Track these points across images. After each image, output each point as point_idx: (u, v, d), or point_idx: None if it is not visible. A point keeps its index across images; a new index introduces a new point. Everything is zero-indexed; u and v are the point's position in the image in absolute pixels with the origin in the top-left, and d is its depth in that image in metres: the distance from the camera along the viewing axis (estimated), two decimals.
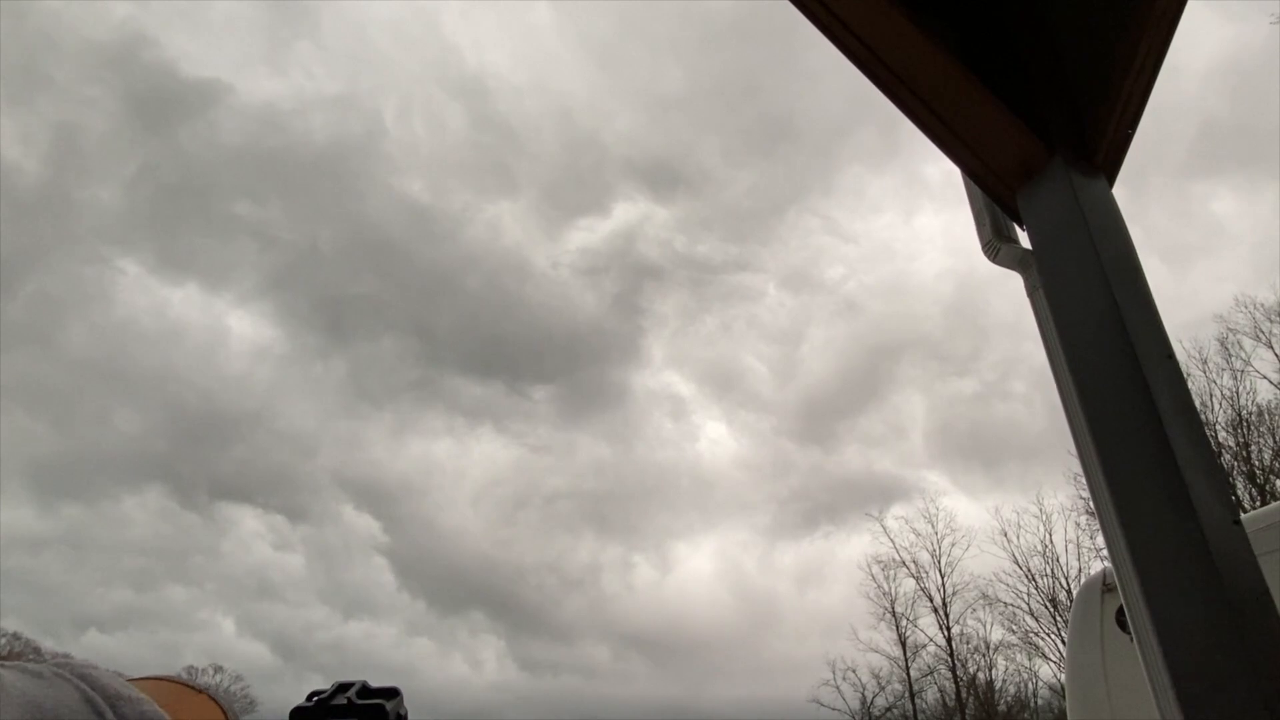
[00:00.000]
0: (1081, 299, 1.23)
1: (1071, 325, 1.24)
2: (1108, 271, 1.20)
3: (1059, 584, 41.30)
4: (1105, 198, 1.37)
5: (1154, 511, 1.08)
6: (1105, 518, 1.18)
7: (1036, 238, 1.40)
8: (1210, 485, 1.07)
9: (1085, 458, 1.20)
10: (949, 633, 47.85)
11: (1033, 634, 42.27)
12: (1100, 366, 1.17)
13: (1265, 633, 1.01)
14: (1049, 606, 41.45)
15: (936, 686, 48.82)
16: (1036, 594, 42.01)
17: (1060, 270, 1.31)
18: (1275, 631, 1.01)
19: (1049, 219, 1.36)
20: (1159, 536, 1.08)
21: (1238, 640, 0.99)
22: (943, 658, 48.24)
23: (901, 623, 49.88)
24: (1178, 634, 1.04)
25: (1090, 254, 1.24)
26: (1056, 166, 1.37)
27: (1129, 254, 1.27)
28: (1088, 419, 1.17)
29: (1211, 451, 1.12)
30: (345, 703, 0.63)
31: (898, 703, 50.61)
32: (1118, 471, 1.14)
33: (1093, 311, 1.20)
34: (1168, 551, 1.06)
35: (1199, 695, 1.01)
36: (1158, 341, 1.18)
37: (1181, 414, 1.11)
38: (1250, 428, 29.70)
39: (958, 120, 1.42)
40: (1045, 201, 1.38)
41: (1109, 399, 1.15)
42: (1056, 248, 1.33)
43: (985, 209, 1.56)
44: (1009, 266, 1.50)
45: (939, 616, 48.31)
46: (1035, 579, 42.08)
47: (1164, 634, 1.06)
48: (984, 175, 1.50)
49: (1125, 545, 1.12)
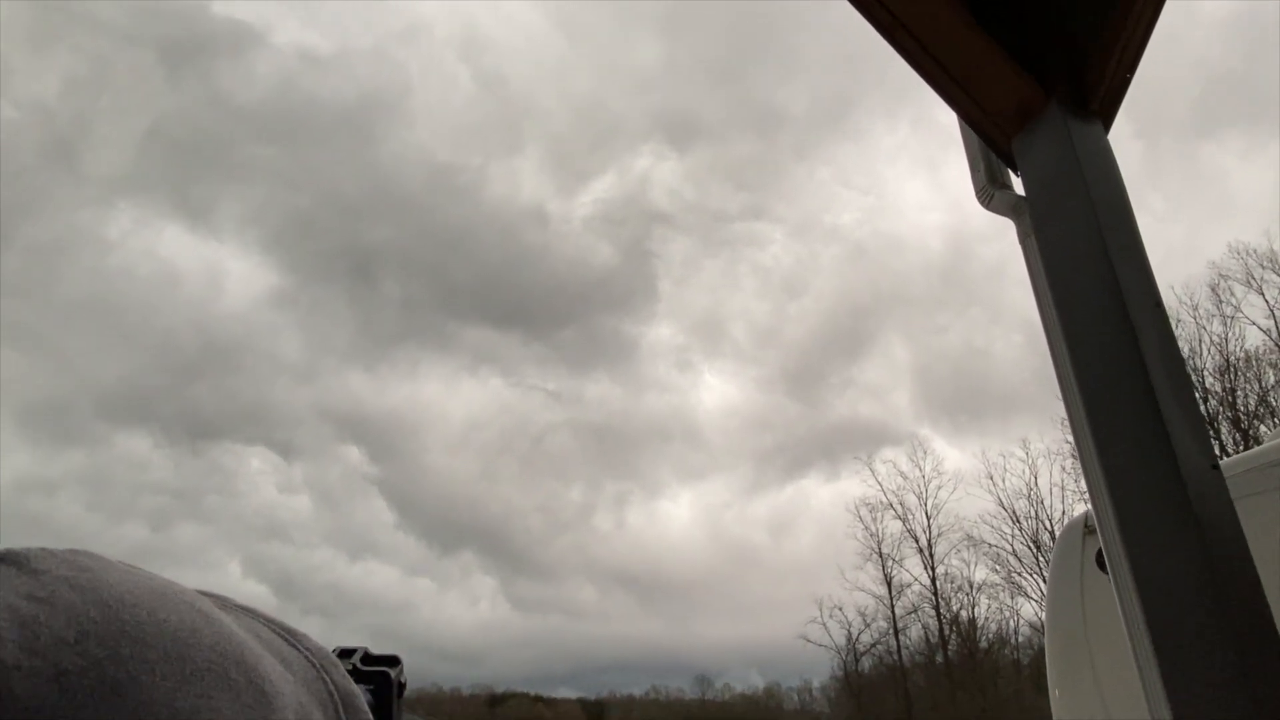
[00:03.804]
0: (1072, 245, 1.23)
1: (1062, 271, 1.25)
2: (1100, 218, 1.20)
3: (1043, 526, 42.10)
4: (1100, 143, 1.36)
5: (1134, 456, 1.10)
6: (1087, 461, 1.20)
7: (1031, 184, 1.39)
8: (1191, 431, 1.09)
9: (1070, 401, 1.21)
10: (933, 573, 48.90)
11: (1015, 574, 43.24)
12: (1088, 313, 1.18)
13: (1239, 574, 1.04)
14: (1032, 547, 42.32)
15: (920, 624, 50.11)
16: (1020, 535, 42.85)
17: (1053, 216, 1.31)
18: (1248, 573, 1.05)
19: (1044, 165, 1.36)
20: (1139, 480, 1.11)
21: (1211, 581, 1.02)
22: (927, 596, 49.39)
23: (887, 563, 50.91)
24: (1154, 575, 1.08)
25: (1084, 200, 1.24)
26: (1053, 111, 1.36)
27: (1122, 200, 1.27)
28: (1074, 364, 1.18)
29: (1194, 398, 1.14)
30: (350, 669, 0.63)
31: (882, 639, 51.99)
32: (1101, 416, 1.15)
33: (1083, 258, 1.21)
34: (1147, 495, 1.09)
35: (1172, 634, 1.05)
36: (1147, 289, 1.19)
37: (1166, 361, 1.13)
38: (1237, 373, 29.97)
39: (955, 64, 1.40)
40: (1040, 147, 1.38)
41: (1095, 345, 1.16)
42: (1050, 194, 1.33)
43: (980, 155, 1.55)
44: (1002, 213, 1.49)
45: (924, 557, 49.29)
46: (1020, 521, 42.86)
47: (1140, 575, 1.09)
48: (980, 120, 1.48)
49: (1106, 488, 1.14)
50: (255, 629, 0.40)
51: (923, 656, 50.51)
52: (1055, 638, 2.73)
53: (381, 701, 0.61)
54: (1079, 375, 1.18)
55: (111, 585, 0.33)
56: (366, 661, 0.63)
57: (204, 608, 0.36)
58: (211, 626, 0.35)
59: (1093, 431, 1.15)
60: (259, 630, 0.40)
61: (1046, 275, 1.27)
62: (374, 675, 0.61)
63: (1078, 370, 1.18)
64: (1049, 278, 1.26)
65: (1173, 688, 1.04)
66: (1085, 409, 1.17)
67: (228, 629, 0.36)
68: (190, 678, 0.32)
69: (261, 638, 0.39)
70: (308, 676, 0.40)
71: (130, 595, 0.33)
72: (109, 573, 0.34)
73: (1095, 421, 1.17)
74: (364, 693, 0.60)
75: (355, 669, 0.61)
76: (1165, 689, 1.04)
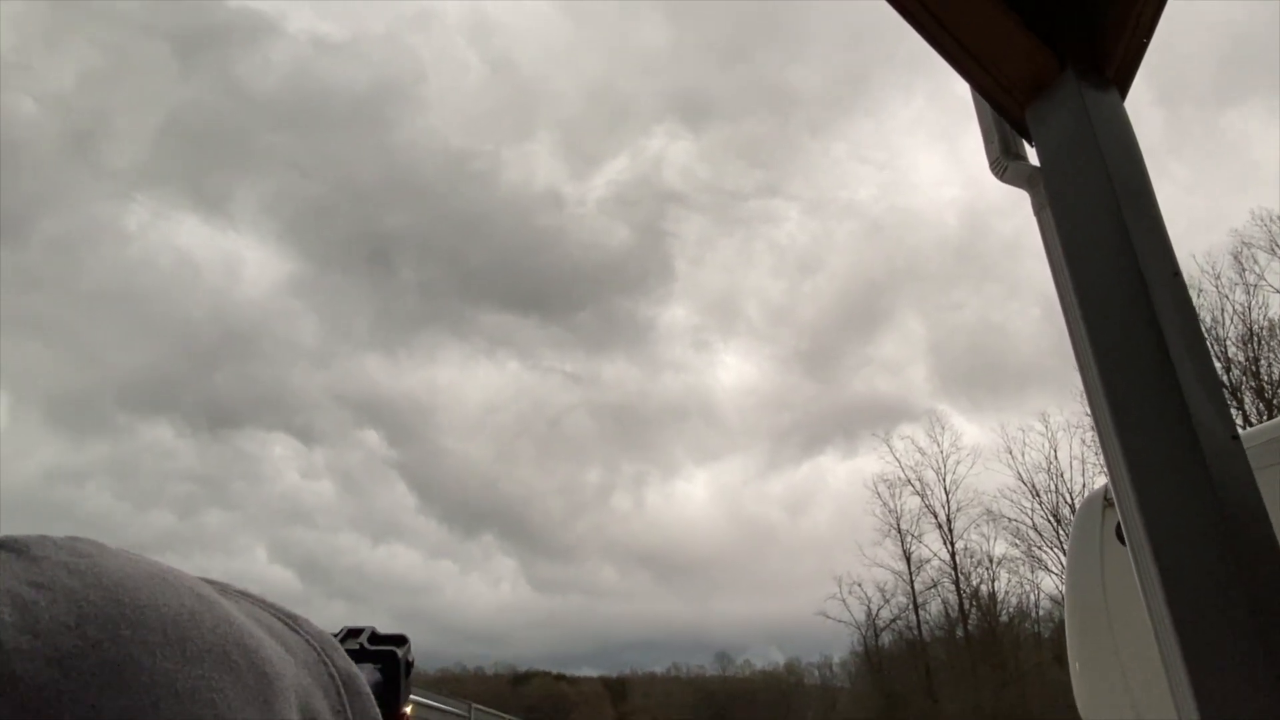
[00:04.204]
0: (1088, 216, 1.22)
1: (1077, 242, 1.23)
2: (1116, 187, 1.19)
3: (1063, 499, 41.91)
4: (1117, 111, 1.34)
5: (1153, 428, 1.10)
6: (1105, 435, 1.19)
7: (1045, 154, 1.37)
8: (1211, 402, 1.08)
9: (1086, 374, 1.20)
10: (952, 548, 48.87)
11: (1035, 547, 43.12)
12: (1105, 284, 1.16)
13: (1259, 546, 1.03)
14: (1052, 521, 42.17)
15: (940, 599, 50.16)
16: (1040, 509, 42.70)
17: (1068, 187, 1.29)
18: (1269, 544, 1.04)
19: (1058, 135, 1.34)
20: (1157, 453, 1.10)
21: (1231, 553, 1.01)
22: (946, 571, 49.39)
23: (906, 539, 50.92)
24: (1173, 547, 1.07)
25: (1099, 170, 1.22)
26: (1068, 80, 1.34)
27: (1139, 170, 1.25)
28: (1090, 336, 1.17)
29: (1214, 369, 1.12)
30: (358, 648, 0.64)
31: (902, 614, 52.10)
32: (1118, 388, 1.14)
33: (1099, 228, 1.19)
34: (1165, 467, 1.08)
35: (1192, 606, 1.04)
36: (1164, 258, 1.17)
37: (1185, 331, 1.11)
38: (1261, 342, 29.55)
39: (966, 35, 1.38)
40: (1055, 117, 1.35)
41: (1112, 317, 1.15)
42: (1065, 164, 1.31)
43: (994, 126, 1.53)
44: (1017, 184, 1.47)
45: (943, 532, 49.25)
46: (1040, 495, 42.69)
47: (1159, 547, 1.08)
48: (994, 91, 1.46)
49: (1124, 461, 1.13)
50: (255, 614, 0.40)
51: (943, 631, 50.60)
52: (1075, 611, 2.73)
53: (389, 680, 0.62)
54: (1096, 348, 1.16)
55: (111, 571, 0.33)
56: (374, 641, 0.64)
57: (204, 592, 0.37)
58: (211, 610, 0.35)
59: (1110, 404, 1.14)
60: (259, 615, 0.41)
61: (1062, 247, 1.26)
62: (381, 655, 0.62)
63: (1094, 343, 1.17)
64: (1064, 249, 1.25)
65: (1192, 660, 1.03)
66: (1102, 382, 1.16)
67: (228, 613, 0.36)
68: (191, 659, 0.32)
69: (261, 622, 0.40)
70: (308, 659, 0.40)
71: (130, 580, 0.33)
72: (108, 559, 0.35)
73: (1113, 394, 1.16)
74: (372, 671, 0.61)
75: (363, 648, 0.62)
76: (1185, 661, 1.04)
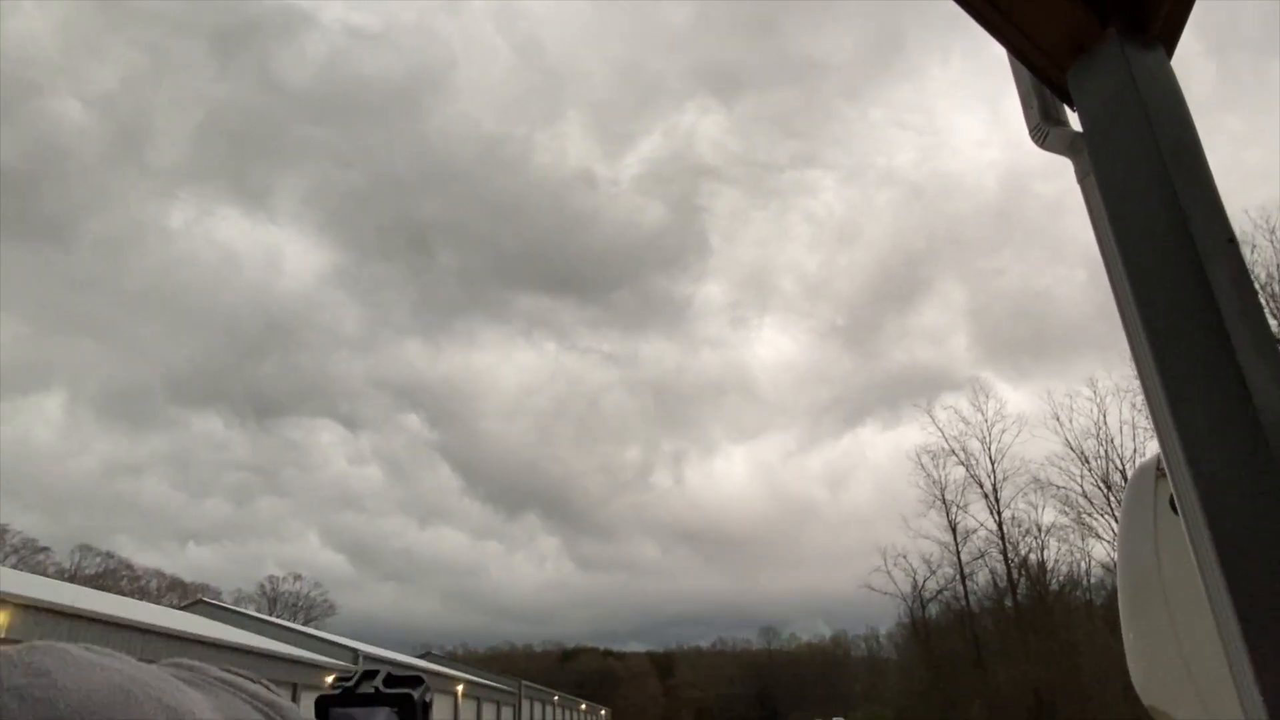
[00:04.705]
0: (1135, 183, 1.18)
1: (1125, 211, 1.19)
2: (1164, 151, 1.15)
3: (1113, 465, 41.09)
4: (1163, 72, 1.29)
5: (1208, 399, 1.06)
6: (1156, 407, 1.16)
7: (1088, 119, 1.33)
8: (1268, 371, 1.04)
9: (1136, 346, 1.17)
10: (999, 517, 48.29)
11: (1086, 514, 42.43)
12: (1155, 253, 1.13)
13: None
14: (1102, 487, 41.39)
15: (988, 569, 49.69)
16: (1090, 476, 41.96)
17: (1113, 153, 1.25)
18: None
19: (1101, 98, 1.29)
20: (1212, 424, 1.07)
21: None
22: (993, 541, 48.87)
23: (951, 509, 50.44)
24: (1228, 518, 1.04)
25: (1146, 134, 1.18)
26: (1110, 40, 1.29)
27: (1188, 132, 1.20)
28: (1140, 308, 1.14)
29: (1270, 336, 1.09)
30: (373, 690, 0.64)
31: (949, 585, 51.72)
32: (1170, 360, 1.11)
33: (1148, 195, 1.15)
34: (1221, 438, 1.05)
35: (1249, 578, 1.02)
36: (1218, 224, 1.13)
37: (1240, 299, 1.08)
38: None
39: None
40: (1098, 80, 1.31)
41: (1164, 287, 1.11)
42: (1109, 129, 1.27)
43: (1033, 91, 1.48)
44: (1058, 151, 1.43)
45: (989, 502, 48.68)
46: (1089, 461, 41.93)
47: (1214, 518, 1.05)
48: (1031, 54, 1.42)
49: (1177, 434, 1.10)
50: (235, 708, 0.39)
51: (991, 601, 50.18)
52: (1128, 584, 2.68)
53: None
54: (1146, 319, 1.13)
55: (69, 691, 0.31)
56: (389, 683, 0.63)
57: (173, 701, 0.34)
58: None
59: (1162, 377, 1.11)
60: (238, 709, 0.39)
61: (1108, 216, 1.22)
62: (397, 697, 0.62)
63: (1145, 314, 1.13)
64: (1110, 219, 1.21)
65: (1252, 634, 1.01)
66: (1154, 354, 1.13)
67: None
68: None
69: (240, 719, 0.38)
70: None
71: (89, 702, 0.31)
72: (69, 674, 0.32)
73: (1165, 367, 1.12)
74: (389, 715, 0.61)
75: (378, 691, 0.62)
76: (1244, 636, 1.01)
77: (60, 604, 17.45)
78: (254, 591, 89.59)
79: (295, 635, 35.38)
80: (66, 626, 17.27)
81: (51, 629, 16.84)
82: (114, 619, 18.84)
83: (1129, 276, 1.16)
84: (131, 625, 19.32)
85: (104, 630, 18.36)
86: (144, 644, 19.60)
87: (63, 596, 19.42)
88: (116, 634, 18.76)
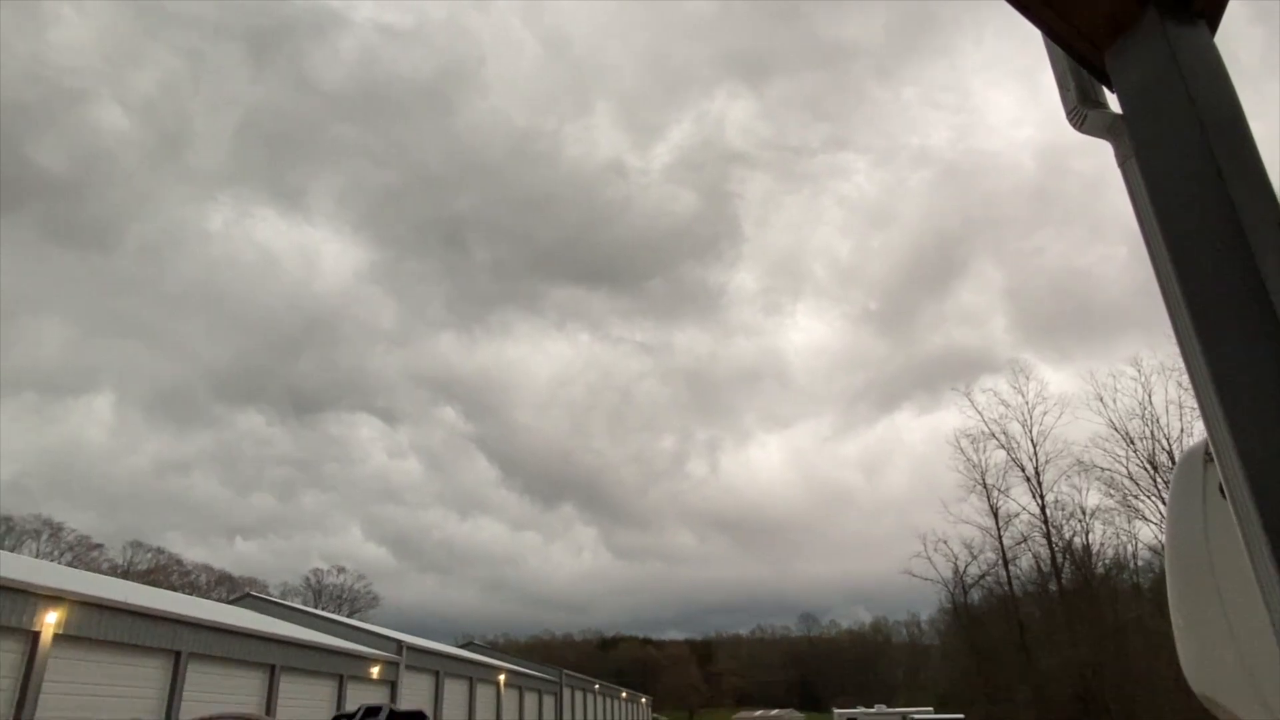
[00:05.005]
0: (1178, 166, 1.14)
1: (1169, 196, 1.16)
2: (1209, 133, 1.11)
3: (1159, 446, 40.20)
4: (1206, 49, 1.25)
5: (1257, 388, 1.03)
6: (1203, 393, 1.13)
7: (1128, 100, 1.29)
8: None
9: (1183, 334, 1.14)
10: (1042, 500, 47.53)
11: (1131, 497, 41.59)
12: (1201, 240, 1.09)
13: None
14: (1149, 468, 40.54)
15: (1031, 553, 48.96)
16: (1135, 457, 41.09)
17: (1155, 135, 1.22)
18: None
19: (1142, 79, 1.26)
20: (1262, 410, 1.04)
21: None
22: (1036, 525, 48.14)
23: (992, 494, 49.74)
24: (1278, 506, 1.01)
25: (1189, 115, 1.15)
26: (1149, 18, 1.26)
27: (1234, 111, 1.17)
28: (1186, 296, 1.11)
29: None
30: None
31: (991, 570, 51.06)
32: (1217, 348, 1.08)
33: (1191, 180, 1.12)
34: (1271, 428, 1.02)
35: None
36: (1266, 206, 1.09)
37: None
38: None
39: None
40: (1137, 59, 1.27)
41: (1211, 274, 1.08)
42: (1150, 110, 1.23)
43: (1070, 73, 1.44)
44: (1097, 134, 1.39)
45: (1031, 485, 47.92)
46: (1134, 442, 41.06)
47: (1264, 506, 1.03)
48: (1067, 35, 1.38)
49: (1225, 422, 1.07)
50: None
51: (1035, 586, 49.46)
52: (1177, 570, 2.62)
53: None
54: (1192, 307, 1.10)
55: None
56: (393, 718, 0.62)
57: None
58: None
59: (1209, 365, 1.08)
60: None
61: (1151, 201, 1.19)
62: None
63: (1190, 302, 1.10)
64: (1154, 204, 1.18)
65: None
66: (1200, 340, 1.10)
67: None
68: None
69: None
70: None
71: None
72: None
73: (1211, 354, 1.09)
74: None
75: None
76: None
77: (113, 600, 17.97)
78: (299, 584, 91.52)
79: (340, 627, 36.06)
80: (125, 622, 17.79)
81: (108, 624, 17.35)
82: (165, 614, 19.36)
83: (1174, 263, 1.13)
84: (182, 620, 19.83)
85: (154, 625, 18.88)
86: (194, 637, 20.11)
87: (114, 593, 19.99)
88: (167, 628, 19.27)
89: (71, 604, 16.46)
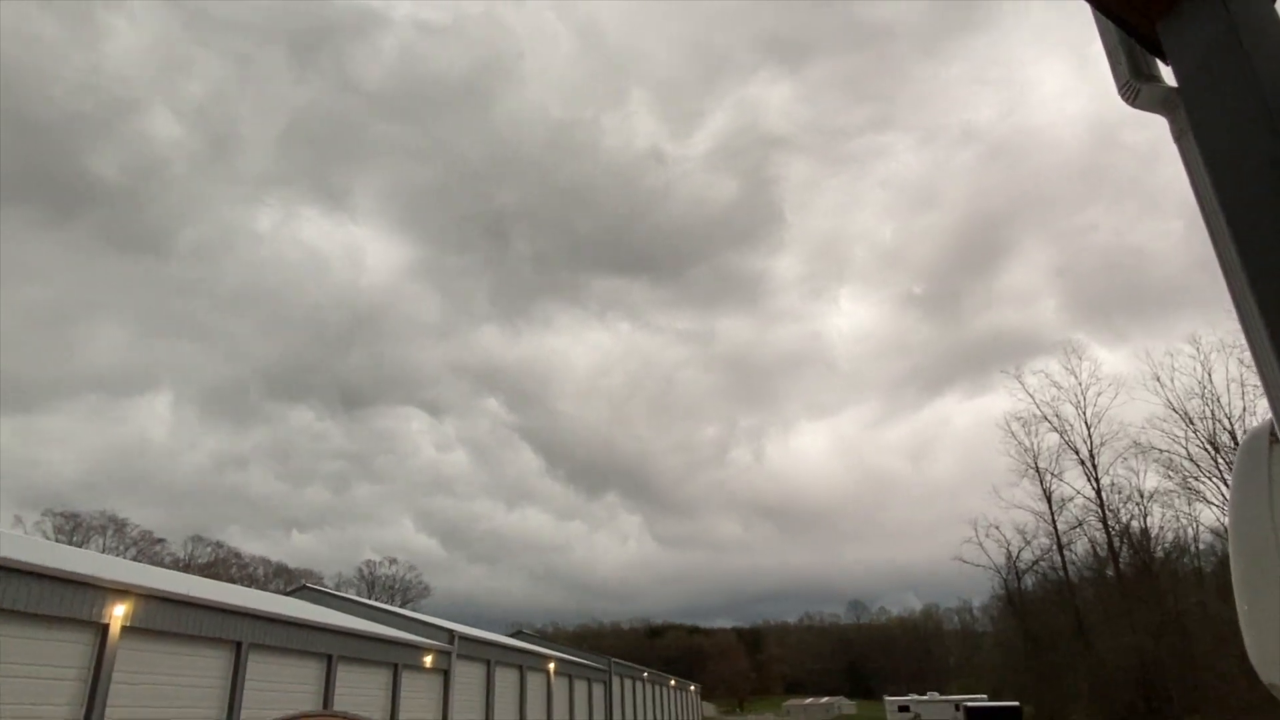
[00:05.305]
0: (1238, 140, 1.10)
1: (1228, 173, 1.12)
2: (1271, 107, 1.07)
3: (1220, 425, 38.96)
4: (1266, 13, 1.20)
5: None
6: (1268, 373, 1.10)
7: (1184, 73, 1.25)
8: None
9: (1246, 315, 1.11)
10: (1097, 484, 46.37)
11: (1191, 478, 40.38)
12: (1264, 218, 1.06)
13: None
14: (1209, 449, 39.31)
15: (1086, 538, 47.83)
16: (1195, 438, 39.87)
17: (1213, 108, 1.18)
18: None
19: (1198, 50, 1.22)
20: None
21: None
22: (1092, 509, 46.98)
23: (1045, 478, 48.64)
24: None
25: (1249, 87, 1.11)
26: None
27: None
28: (1249, 276, 1.07)
29: None
30: None
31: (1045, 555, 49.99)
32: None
33: (1252, 154, 1.08)
34: None
35: None
36: None
37: None
38: None
39: None
40: (1193, 29, 1.23)
41: (1272, 250, 1.04)
42: (1208, 83, 1.19)
43: (1120, 45, 1.40)
44: (1151, 109, 1.35)
45: (1086, 468, 46.76)
46: (1194, 422, 39.85)
47: None
48: (1118, 6, 1.34)
49: None
50: None
51: (1091, 571, 48.32)
52: (1241, 555, 2.54)
53: None
54: (1255, 288, 1.06)
55: None
56: None
57: None
58: None
59: (1274, 346, 1.04)
60: None
61: (1209, 177, 1.15)
62: None
63: (1254, 282, 1.07)
64: (1212, 180, 1.14)
65: None
66: (1263, 319, 1.06)
67: None
68: None
69: None
70: None
71: None
72: None
73: (1275, 330, 1.06)
74: None
75: None
76: None
77: (177, 593, 18.58)
78: (353, 575, 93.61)
79: (394, 617, 36.77)
80: (188, 614, 18.40)
81: (173, 616, 17.95)
82: (226, 605, 19.96)
83: (1236, 243, 1.09)
84: (242, 611, 20.43)
85: (217, 616, 19.48)
86: (254, 628, 20.71)
87: (178, 585, 20.67)
88: (228, 620, 19.88)
89: (138, 597, 17.06)
